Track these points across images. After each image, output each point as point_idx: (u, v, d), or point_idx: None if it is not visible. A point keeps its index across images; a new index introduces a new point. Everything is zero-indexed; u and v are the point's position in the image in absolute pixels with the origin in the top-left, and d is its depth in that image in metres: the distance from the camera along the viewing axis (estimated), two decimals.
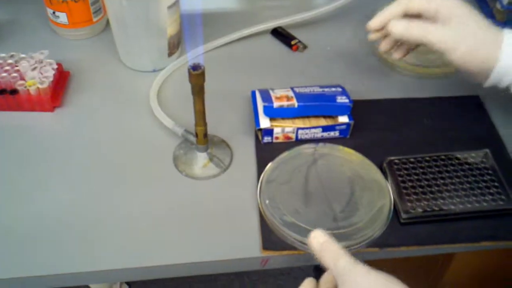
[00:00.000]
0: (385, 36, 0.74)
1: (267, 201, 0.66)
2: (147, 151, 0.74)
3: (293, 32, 0.92)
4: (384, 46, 0.75)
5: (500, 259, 0.81)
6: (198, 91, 0.63)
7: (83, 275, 0.62)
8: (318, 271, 0.56)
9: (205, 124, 0.68)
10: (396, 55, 0.76)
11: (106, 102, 0.81)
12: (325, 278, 0.56)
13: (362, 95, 0.81)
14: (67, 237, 0.64)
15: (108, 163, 0.72)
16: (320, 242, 0.54)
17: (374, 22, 0.71)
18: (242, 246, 0.63)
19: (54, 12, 0.87)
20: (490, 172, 0.70)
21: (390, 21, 0.69)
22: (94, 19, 0.89)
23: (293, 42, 0.90)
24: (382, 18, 0.71)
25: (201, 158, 0.72)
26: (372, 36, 0.74)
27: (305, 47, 0.91)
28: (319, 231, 0.54)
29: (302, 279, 0.56)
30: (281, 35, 0.92)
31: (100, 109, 0.79)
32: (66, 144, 0.74)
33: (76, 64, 0.85)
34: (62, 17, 0.87)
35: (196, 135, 0.69)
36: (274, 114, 0.73)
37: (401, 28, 0.68)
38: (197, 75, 0.60)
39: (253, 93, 0.77)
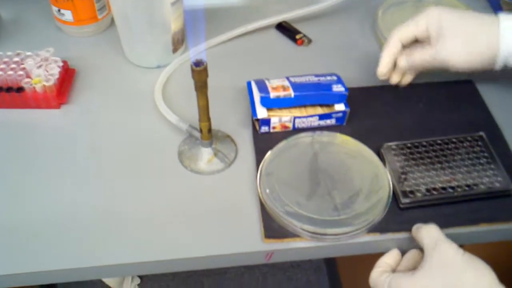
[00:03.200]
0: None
1: (267, 190, 0.66)
2: (152, 147, 0.74)
3: (297, 27, 0.92)
4: (395, 79, 0.80)
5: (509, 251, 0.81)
6: (201, 87, 0.63)
7: (93, 269, 0.63)
8: (329, 263, 0.57)
9: (209, 120, 0.68)
10: (407, 79, 0.80)
11: (111, 98, 0.81)
12: (408, 255, 0.64)
13: (359, 83, 0.81)
14: (75, 233, 0.65)
15: (113, 159, 0.73)
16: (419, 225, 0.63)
17: (382, 69, 0.77)
18: (247, 239, 0.64)
19: (59, 10, 0.87)
20: (486, 155, 0.70)
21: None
22: (99, 16, 0.90)
23: (298, 37, 0.90)
24: (386, 62, 0.76)
25: (205, 153, 0.72)
26: (383, 77, 0.78)
27: (310, 41, 0.90)
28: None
29: (312, 271, 0.57)
30: (286, 29, 0.92)
31: (105, 105, 0.80)
32: (72, 141, 0.75)
33: (82, 61, 0.86)
34: (67, 15, 0.87)
35: (201, 131, 0.70)
36: (271, 104, 0.73)
37: (406, 64, 0.75)
38: (199, 71, 0.60)
39: (249, 84, 0.77)
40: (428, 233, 0.60)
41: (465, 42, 0.71)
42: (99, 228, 0.65)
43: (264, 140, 0.74)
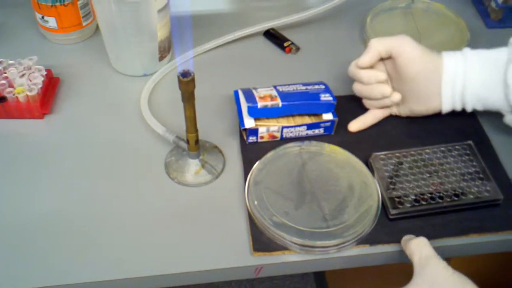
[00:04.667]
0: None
1: (255, 202, 0.65)
2: (137, 157, 0.73)
3: (286, 34, 0.91)
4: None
5: (498, 263, 0.80)
6: (188, 97, 0.62)
7: (73, 287, 0.61)
8: (317, 273, 0.56)
9: (196, 131, 0.67)
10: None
11: (96, 108, 0.79)
12: None
13: (348, 91, 0.80)
14: (56, 246, 0.63)
15: (98, 170, 0.71)
16: (408, 237, 0.62)
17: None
18: (235, 253, 0.63)
19: (43, 17, 0.85)
20: (474, 163, 0.70)
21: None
22: (84, 24, 0.88)
23: (286, 44, 0.89)
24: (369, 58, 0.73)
25: (193, 165, 0.71)
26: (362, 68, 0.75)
27: (298, 49, 0.90)
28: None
29: (299, 278, 0.56)
30: (274, 37, 0.91)
31: (90, 115, 0.78)
32: (56, 151, 0.73)
33: (66, 69, 0.84)
34: (51, 22, 0.86)
35: (188, 142, 0.68)
36: (258, 114, 0.72)
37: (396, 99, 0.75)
38: (187, 82, 0.59)
39: (236, 93, 0.76)
40: (418, 248, 0.59)
41: (417, 103, 0.74)
42: (81, 241, 0.64)
43: (252, 150, 0.73)
